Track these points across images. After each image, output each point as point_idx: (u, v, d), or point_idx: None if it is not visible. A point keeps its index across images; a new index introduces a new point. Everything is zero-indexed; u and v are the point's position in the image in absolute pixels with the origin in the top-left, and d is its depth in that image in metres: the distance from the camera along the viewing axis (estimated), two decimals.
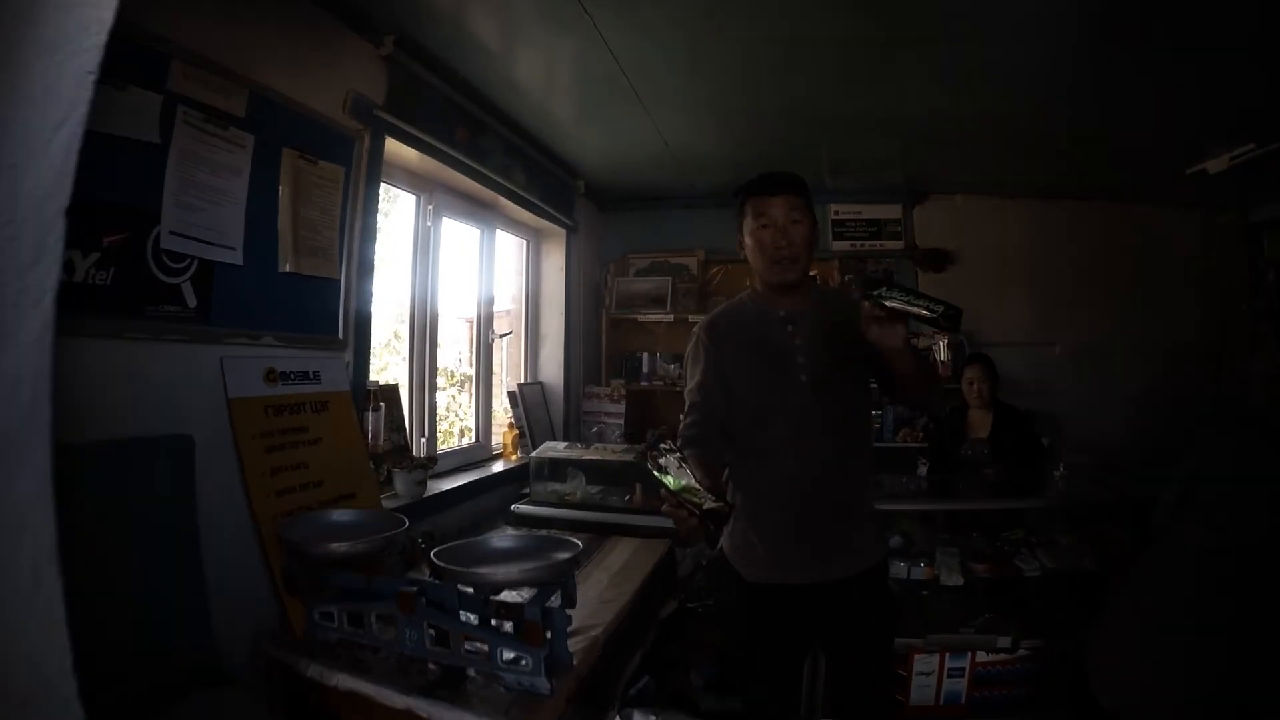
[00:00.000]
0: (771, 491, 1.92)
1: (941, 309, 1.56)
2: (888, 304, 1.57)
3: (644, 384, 4.99)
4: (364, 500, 2.45)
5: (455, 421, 4.18)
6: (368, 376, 2.72)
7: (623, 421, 4.79)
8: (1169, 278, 4.87)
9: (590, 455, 3.72)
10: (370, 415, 2.68)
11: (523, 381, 4.43)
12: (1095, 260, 4.92)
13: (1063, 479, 3.39)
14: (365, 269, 2.69)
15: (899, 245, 5.06)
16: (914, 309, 1.57)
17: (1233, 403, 4.12)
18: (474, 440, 3.97)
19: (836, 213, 5.09)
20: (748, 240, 1.93)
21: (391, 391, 3.13)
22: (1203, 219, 4.92)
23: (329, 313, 2.55)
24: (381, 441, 2.88)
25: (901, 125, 3.70)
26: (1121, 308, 4.87)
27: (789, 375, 1.90)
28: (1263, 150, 3.46)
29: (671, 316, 4.96)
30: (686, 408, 1.98)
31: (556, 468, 3.72)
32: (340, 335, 2.58)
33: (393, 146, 2.87)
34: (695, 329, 2.04)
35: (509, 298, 4.54)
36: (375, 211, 2.77)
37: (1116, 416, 4.65)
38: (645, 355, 5.09)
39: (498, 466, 3.82)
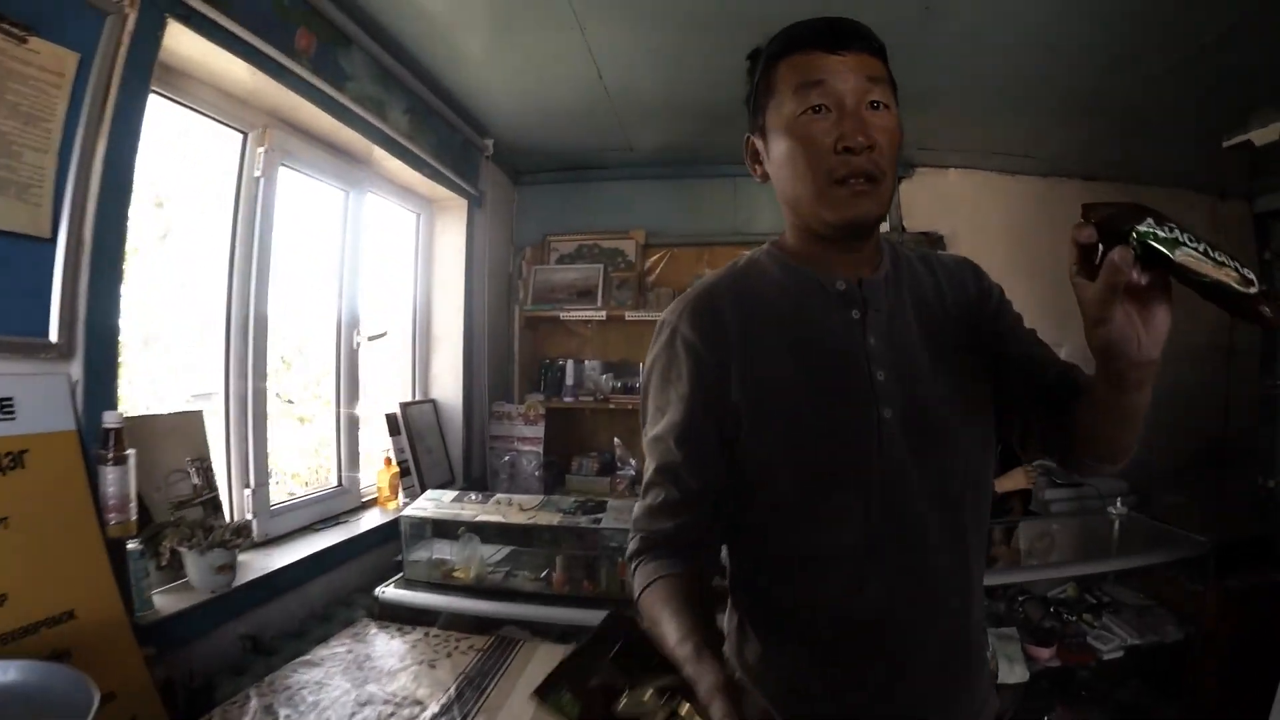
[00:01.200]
0: (830, 637, 1.07)
1: (1256, 280, 0.74)
2: (1169, 254, 0.74)
3: (568, 400, 3.96)
4: (91, 620, 1.50)
5: (317, 458, 3.07)
6: (114, 405, 1.65)
7: (541, 449, 3.77)
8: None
9: (489, 514, 2.65)
10: (109, 470, 1.59)
11: (408, 400, 3.36)
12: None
13: (1121, 519, 2.76)
14: (111, 228, 1.62)
15: (884, 228, 4.15)
16: (1215, 273, 0.73)
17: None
18: (336, 484, 2.88)
19: None
20: (780, 144, 1.07)
21: (188, 423, 2.07)
22: (1210, 206, 4.46)
23: (28, 298, 1.48)
24: (164, 504, 1.90)
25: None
26: None
27: (860, 406, 1.06)
28: None
29: (603, 313, 3.96)
30: (648, 476, 1.13)
31: (443, 530, 2.67)
32: (55, 337, 1.51)
33: (190, 43, 1.88)
34: (665, 317, 1.16)
35: (390, 287, 3.46)
36: (136, 135, 1.71)
37: None
38: (569, 363, 4.06)
39: (370, 520, 2.77)
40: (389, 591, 2.48)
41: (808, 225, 1.10)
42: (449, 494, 2.82)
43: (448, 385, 3.58)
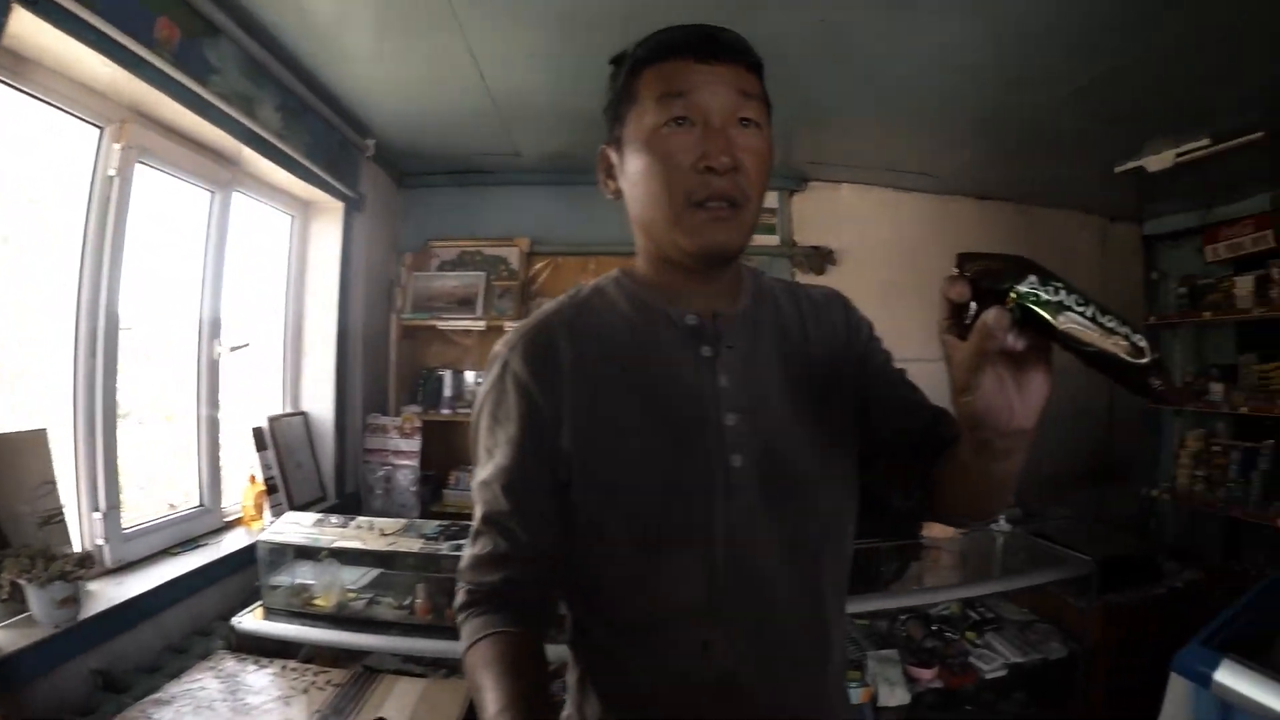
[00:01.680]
0: (674, 701, 0.98)
1: (1148, 349, 0.65)
2: (1052, 320, 0.66)
3: (446, 412, 3.85)
4: None
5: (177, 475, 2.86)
6: None
7: (417, 463, 3.65)
8: None
9: (348, 540, 2.49)
10: None
11: (277, 413, 3.19)
12: None
13: (1005, 536, 2.78)
14: None
15: (774, 240, 4.27)
16: (1103, 342, 0.65)
17: None
18: (199, 504, 2.69)
19: None
20: (637, 158, 0.96)
21: (30, 443, 1.90)
22: (1100, 226, 4.75)
23: None
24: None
25: (783, 94, 2.84)
26: None
27: (705, 454, 0.97)
28: (1216, 148, 3.13)
29: (484, 324, 3.85)
30: (475, 523, 1.02)
31: (307, 552, 2.51)
32: None
33: (37, 30, 1.71)
34: (497, 349, 1.04)
35: (260, 294, 3.28)
36: None
37: None
38: (448, 374, 3.95)
39: (233, 542, 2.60)
40: (246, 621, 2.32)
41: (660, 251, 1.01)
42: (310, 516, 2.66)
43: (320, 397, 3.41)
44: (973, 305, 0.69)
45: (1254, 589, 2.35)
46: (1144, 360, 0.64)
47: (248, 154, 2.65)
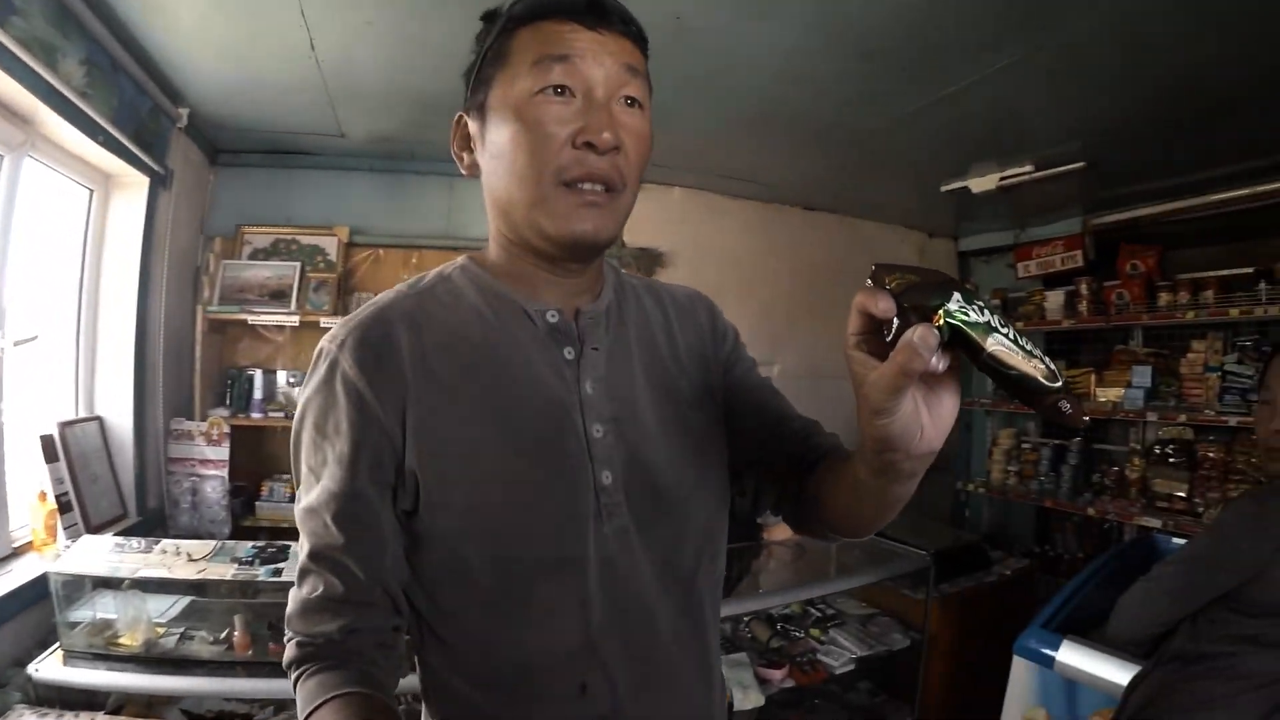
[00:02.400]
0: None
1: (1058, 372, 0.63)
2: (982, 343, 0.61)
3: (256, 416, 3.46)
4: None
5: None
6: None
7: (226, 473, 3.27)
8: None
9: (152, 568, 2.13)
10: None
11: (69, 418, 2.71)
12: (820, 274, 4.64)
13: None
14: None
15: None
16: (1024, 365, 0.61)
17: None
18: None
19: None
20: (504, 127, 0.85)
21: None
22: (919, 241, 5.04)
23: None
24: None
25: None
26: (843, 327, 4.70)
27: (573, 470, 0.87)
28: (1037, 174, 3.42)
29: (297, 319, 3.49)
30: (302, 560, 0.86)
31: (108, 582, 2.15)
32: None
33: None
34: (323, 344, 0.87)
35: (53, 279, 2.77)
36: None
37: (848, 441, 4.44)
38: (259, 374, 3.55)
39: (23, 573, 2.18)
40: (45, 669, 1.96)
41: (520, 235, 0.88)
42: (109, 540, 2.29)
43: (117, 399, 2.93)
44: (894, 322, 0.63)
45: (1082, 573, 2.64)
46: (1058, 384, 0.61)
47: (45, 113, 2.23)
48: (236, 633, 2.16)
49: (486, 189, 0.90)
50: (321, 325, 3.48)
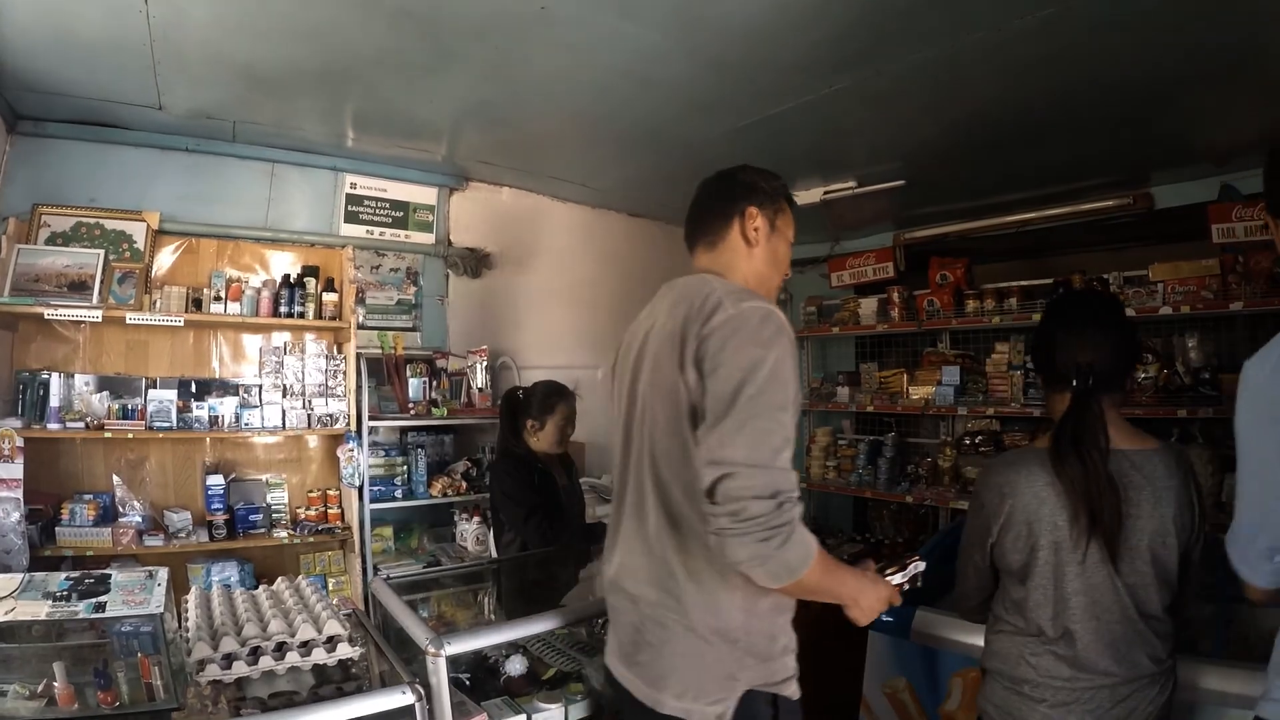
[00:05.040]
0: None
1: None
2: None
3: (54, 426, 2.95)
4: None
5: None
6: None
7: (20, 494, 2.76)
8: None
9: None
10: None
11: None
12: (648, 280, 4.64)
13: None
14: None
15: (429, 239, 4.11)
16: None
17: None
18: None
19: (354, 186, 3.93)
20: (782, 246, 1.63)
21: None
22: None
23: None
24: None
25: (449, 84, 2.92)
26: None
27: None
28: (860, 190, 3.73)
29: (100, 314, 3.06)
30: (782, 439, 1.27)
31: None
32: None
33: None
34: (774, 315, 1.33)
35: None
36: None
37: None
38: (56, 377, 3.04)
39: None
40: None
41: (769, 294, 1.58)
42: None
43: None
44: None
45: (921, 549, 2.82)
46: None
47: None
48: (57, 684, 1.80)
49: (756, 261, 1.57)
50: (128, 321, 3.12)
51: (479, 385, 3.92)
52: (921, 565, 1.58)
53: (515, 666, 2.01)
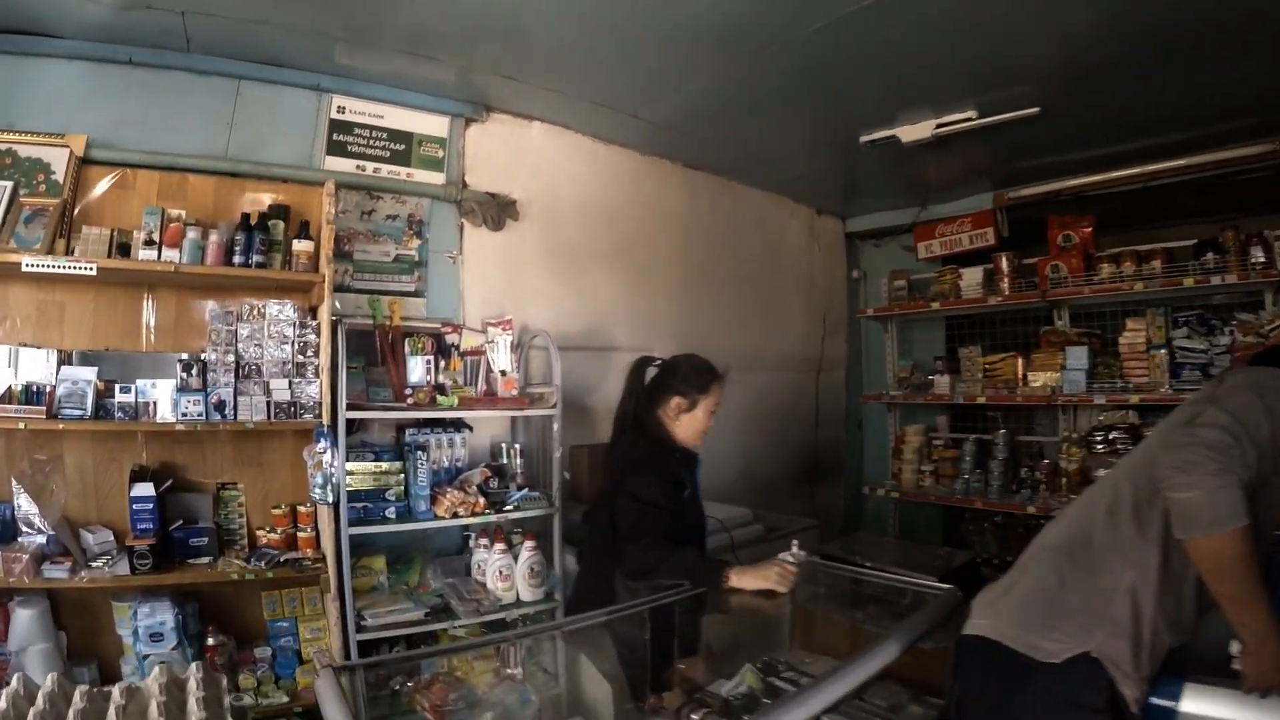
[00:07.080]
0: None
1: None
2: None
3: None
4: None
5: None
6: None
7: None
8: (779, 277, 4.60)
9: None
10: None
11: None
12: (706, 244, 4.16)
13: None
14: None
15: (439, 179, 3.27)
16: None
17: None
18: None
19: (342, 110, 3.08)
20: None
21: None
22: (808, 217, 4.77)
23: None
24: None
25: None
26: (731, 306, 4.28)
27: None
28: (981, 121, 3.17)
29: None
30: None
31: None
32: None
33: None
34: None
35: None
36: None
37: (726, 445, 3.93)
38: None
39: None
40: None
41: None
42: None
43: None
44: None
45: None
46: None
47: None
48: None
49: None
50: (25, 269, 2.32)
51: (502, 368, 2.96)
52: None
53: None
